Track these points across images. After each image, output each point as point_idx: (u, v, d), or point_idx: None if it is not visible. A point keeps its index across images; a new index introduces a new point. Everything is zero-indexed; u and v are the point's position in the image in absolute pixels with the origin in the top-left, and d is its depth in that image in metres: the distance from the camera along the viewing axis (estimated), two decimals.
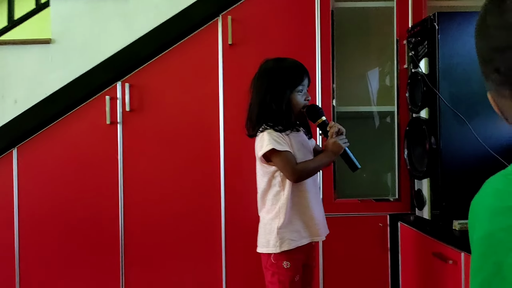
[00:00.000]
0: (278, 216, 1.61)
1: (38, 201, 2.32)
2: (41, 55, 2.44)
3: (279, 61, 1.66)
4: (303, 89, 1.64)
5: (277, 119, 1.60)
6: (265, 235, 1.65)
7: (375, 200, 2.40)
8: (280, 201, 1.61)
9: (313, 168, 1.65)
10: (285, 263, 1.61)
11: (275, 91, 1.59)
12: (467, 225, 1.84)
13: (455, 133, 1.89)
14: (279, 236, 1.60)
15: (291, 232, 1.61)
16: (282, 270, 1.61)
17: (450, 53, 1.90)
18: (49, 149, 2.33)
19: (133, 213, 2.32)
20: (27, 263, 2.31)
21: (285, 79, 1.61)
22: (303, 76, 1.64)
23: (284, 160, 1.57)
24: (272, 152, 1.57)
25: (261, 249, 1.67)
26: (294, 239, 1.62)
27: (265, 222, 1.66)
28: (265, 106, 1.60)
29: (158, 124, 2.33)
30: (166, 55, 2.34)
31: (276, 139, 1.57)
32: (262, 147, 1.58)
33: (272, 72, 1.63)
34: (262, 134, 1.60)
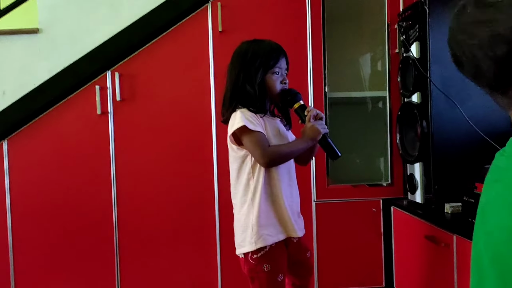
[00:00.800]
0: (251, 208, 1.47)
1: (30, 193, 2.30)
2: (29, 45, 2.40)
3: (254, 43, 1.54)
4: (279, 71, 1.51)
5: (250, 101, 1.47)
6: (241, 233, 1.51)
7: (368, 185, 2.41)
8: (251, 190, 1.47)
9: (286, 152, 1.48)
10: (265, 266, 1.45)
11: (248, 72, 1.48)
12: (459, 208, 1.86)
13: (446, 117, 1.90)
14: (255, 231, 1.45)
15: (266, 226, 1.46)
16: (263, 274, 1.46)
17: (441, 36, 1.89)
18: (40, 140, 2.30)
19: (126, 204, 2.31)
20: (20, 255, 2.30)
21: (258, 59, 1.48)
22: (278, 58, 1.51)
23: (254, 140, 1.42)
24: (243, 131, 1.42)
25: (237, 250, 1.54)
26: (270, 235, 1.46)
27: (238, 218, 1.53)
28: (237, 87, 1.49)
29: (150, 113, 2.31)
30: (156, 43, 2.31)
31: (249, 118, 1.43)
32: (233, 125, 1.44)
33: (245, 53, 1.51)
34: (234, 113, 1.47)
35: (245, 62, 1.49)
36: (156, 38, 2.30)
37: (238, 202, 1.53)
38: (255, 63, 1.48)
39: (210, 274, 2.33)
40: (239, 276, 2.30)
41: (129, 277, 2.32)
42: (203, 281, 2.33)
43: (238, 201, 1.53)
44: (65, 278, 2.31)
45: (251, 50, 1.50)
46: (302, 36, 2.29)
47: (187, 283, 2.33)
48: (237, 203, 1.54)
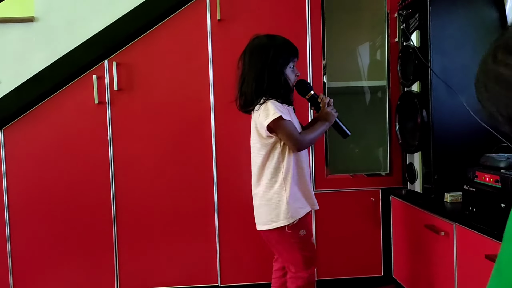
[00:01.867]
0: (284, 188, 1.64)
1: (27, 183, 2.29)
2: (25, 34, 2.37)
3: (272, 38, 1.68)
4: (294, 65, 1.69)
5: (276, 93, 1.63)
6: (272, 210, 1.66)
7: (367, 175, 2.41)
8: (281, 172, 1.64)
9: (313, 137, 1.69)
10: (301, 232, 1.67)
11: (272, 66, 1.62)
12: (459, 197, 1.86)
13: (447, 106, 1.89)
14: (289, 207, 1.63)
15: (297, 201, 1.66)
16: (300, 239, 1.67)
17: (441, 25, 1.88)
18: (37, 130, 2.28)
19: (125, 194, 2.30)
20: (18, 246, 2.29)
21: (281, 55, 1.64)
22: (295, 53, 1.69)
23: (289, 129, 1.60)
24: (278, 121, 1.58)
25: (269, 225, 1.67)
26: (301, 207, 1.67)
27: (269, 198, 1.66)
28: (262, 81, 1.62)
29: (148, 103, 2.29)
30: (154, 32, 2.28)
31: (280, 108, 1.59)
32: (268, 115, 1.58)
33: (268, 48, 1.64)
34: (265, 105, 1.61)
35: (269, 58, 1.62)
36: (154, 27, 2.27)
37: (265, 184, 1.67)
38: (279, 59, 1.63)
39: (209, 263, 2.33)
40: (238, 265, 2.32)
41: (127, 267, 2.32)
42: (202, 270, 2.33)
43: (266, 182, 1.66)
44: (63, 269, 2.30)
45: (273, 46, 1.64)
46: (301, 25, 2.27)
47: (186, 272, 2.33)
48: (263, 185, 1.67)
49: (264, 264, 2.13)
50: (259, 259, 2.25)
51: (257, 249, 2.22)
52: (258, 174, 1.70)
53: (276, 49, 1.64)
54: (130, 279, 2.32)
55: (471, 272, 1.57)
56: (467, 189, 1.67)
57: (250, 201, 1.77)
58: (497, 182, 1.50)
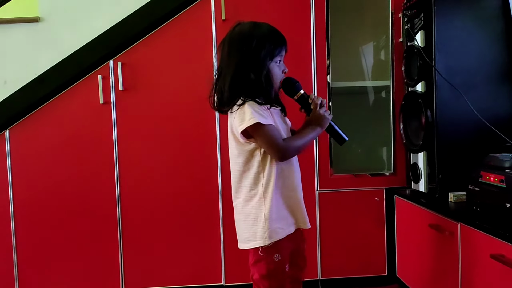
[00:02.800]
0: (262, 202, 1.40)
1: (32, 182, 2.30)
2: (30, 34, 2.39)
3: (256, 26, 1.42)
4: (281, 59, 1.44)
5: (256, 91, 1.38)
6: (250, 227, 1.43)
7: (371, 175, 2.41)
8: (261, 184, 1.40)
9: (301, 145, 1.43)
10: (276, 256, 1.41)
11: (254, 59, 1.37)
12: (463, 196, 1.86)
13: (451, 106, 1.89)
14: (267, 225, 1.39)
15: (278, 219, 1.41)
16: (272, 264, 1.41)
17: (446, 25, 1.88)
18: (42, 130, 2.29)
19: (129, 193, 2.31)
20: (23, 243, 2.30)
21: (264, 46, 1.38)
22: (282, 46, 1.43)
23: (269, 135, 1.36)
24: (256, 127, 1.34)
25: (246, 244, 1.46)
26: (282, 227, 1.42)
27: (247, 213, 1.44)
28: (241, 76, 1.37)
29: (152, 103, 2.30)
30: (158, 32, 2.29)
31: (259, 111, 1.35)
32: (244, 120, 1.34)
33: (250, 38, 1.38)
34: (241, 107, 1.37)
35: (250, 49, 1.37)
36: (159, 27, 2.28)
37: (244, 196, 1.44)
38: (261, 52, 1.37)
39: (213, 262, 2.34)
40: (243, 264, 2.32)
41: (132, 266, 2.33)
42: (207, 269, 2.34)
43: (245, 194, 1.44)
44: (68, 267, 2.32)
45: (256, 36, 1.39)
46: (305, 25, 2.28)
47: (191, 271, 2.34)
48: (242, 197, 1.45)
49: None
50: None
51: None
52: (236, 184, 1.46)
53: (259, 39, 1.38)
54: (135, 277, 2.33)
55: (476, 272, 1.58)
56: (472, 189, 1.67)
57: None
58: (502, 182, 1.51)
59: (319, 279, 2.35)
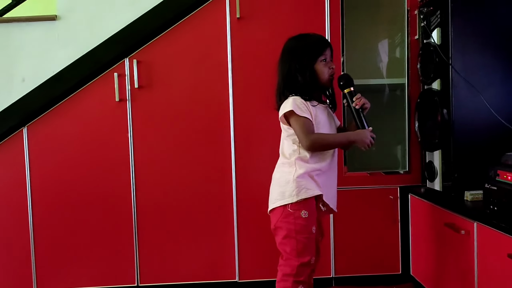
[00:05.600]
0: (293, 168, 1.62)
1: (50, 178, 2.34)
2: (47, 32, 2.42)
3: (300, 38, 1.69)
4: (325, 58, 1.66)
5: (301, 89, 1.63)
6: (279, 187, 1.64)
7: (385, 173, 2.40)
8: (295, 157, 1.63)
9: (328, 142, 1.64)
10: (303, 213, 1.59)
11: (298, 63, 1.63)
12: (480, 195, 1.84)
13: (467, 104, 1.88)
14: (296, 184, 1.59)
15: (307, 181, 1.61)
16: (300, 220, 1.59)
17: (463, 22, 1.87)
18: (59, 127, 2.33)
19: (145, 188, 2.34)
20: (40, 239, 2.35)
21: (306, 50, 1.64)
22: (324, 46, 1.66)
23: (300, 124, 1.59)
24: (291, 115, 1.60)
25: (274, 204, 1.64)
26: (310, 188, 1.60)
27: (278, 177, 1.67)
28: (289, 78, 1.65)
29: (167, 100, 2.32)
30: (173, 30, 2.31)
31: (299, 104, 1.59)
32: (284, 108, 1.61)
33: (295, 48, 1.66)
34: (287, 99, 1.63)
35: (295, 55, 1.64)
36: (174, 25, 2.30)
37: (280, 164, 1.69)
38: (304, 55, 1.63)
39: (227, 258, 2.35)
40: (256, 261, 2.34)
41: (147, 261, 2.35)
42: (221, 266, 2.36)
43: (281, 162, 1.69)
44: (84, 262, 2.35)
45: (300, 44, 1.66)
46: (320, 23, 2.28)
47: (205, 267, 2.36)
48: (278, 164, 1.70)
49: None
50: (278, 255, 2.27)
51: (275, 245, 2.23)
52: (279, 160, 1.71)
53: (303, 47, 1.65)
54: (150, 273, 2.36)
55: (492, 272, 1.57)
56: (489, 188, 1.66)
57: (268, 197, 1.78)
58: None
59: (332, 277, 2.36)
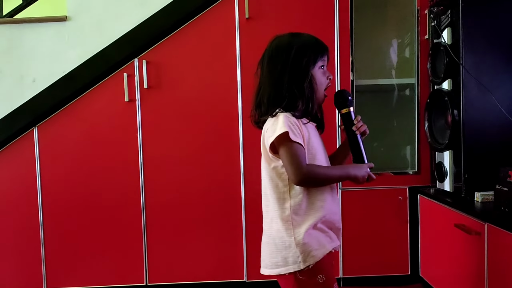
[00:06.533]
0: (290, 222, 1.29)
1: (60, 177, 2.36)
2: (58, 33, 2.44)
3: (294, 36, 1.35)
4: (324, 65, 1.33)
5: (295, 102, 1.28)
6: (279, 251, 1.30)
7: (394, 174, 2.39)
8: (288, 204, 1.29)
9: (326, 177, 1.28)
10: (319, 277, 1.27)
11: (295, 68, 1.28)
12: (490, 196, 1.83)
13: (478, 105, 1.87)
14: (300, 249, 1.26)
15: (311, 240, 1.27)
16: (318, 287, 1.26)
17: (474, 22, 1.85)
18: (69, 127, 2.35)
19: (154, 188, 2.35)
20: (50, 238, 2.37)
21: (305, 53, 1.29)
22: (323, 50, 1.34)
23: (292, 153, 1.22)
24: (283, 138, 1.23)
25: (278, 269, 1.31)
26: (317, 248, 1.27)
27: (273, 236, 1.33)
28: (281, 87, 1.28)
29: (176, 101, 2.33)
30: (182, 31, 2.32)
31: (291, 126, 1.23)
32: (275, 130, 1.23)
33: (288, 47, 1.30)
34: (276, 117, 1.26)
35: (290, 59, 1.29)
36: (183, 26, 2.31)
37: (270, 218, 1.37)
38: (302, 59, 1.29)
39: (235, 258, 2.36)
40: None
41: (156, 260, 2.37)
42: (229, 266, 2.36)
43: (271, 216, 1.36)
44: (93, 261, 2.37)
45: (295, 44, 1.30)
46: (329, 23, 2.27)
47: (213, 267, 2.37)
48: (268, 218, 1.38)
49: None
50: None
51: None
52: (265, 202, 1.40)
53: (298, 47, 1.30)
54: (158, 272, 2.37)
55: (504, 273, 1.55)
56: (500, 189, 1.65)
57: None
58: None
59: (340, 277, 2.35)
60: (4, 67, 2.47)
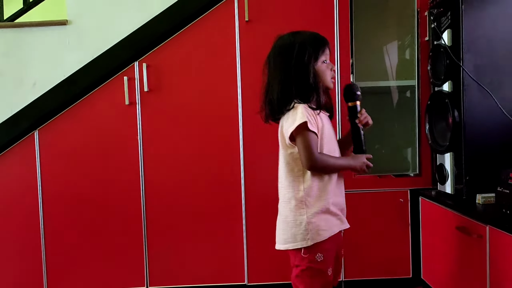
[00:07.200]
0: (303, 203, 1.43)
1: (61, 181, 2.36)
2: (58, 36, 2.45)
3: (295, 34, 1.48)
4: (326, 59, 1.47)
5: (306, 95, 1.42)
6: (289, 228, 1.45)
7: (395, 176, 2.39)
8: (302, 188, 1.43)
9: (331, 165, 1.44)
10: (318, 256, 1.42)
11: (299, 64, 1.41)
12: (492, 198, 1.82)
13: (479, 106, 1.86)
14: (309, 227, 1.41)
15: (320, 221, 1.42)
16: (314, 264, 1.42)
17: (474, 24, 1.85)
18: (69, 130, 2.35)
19: (154, 191, 2.35)
20: (51, 241, 2.36)
21: (306, 49, 1.42)
22: (324, 44, 1.47)
23: (308, 140, 1.38)
24: (300, 129, 1.38)
25: (286, 245, 1.46)
26: (325, 229, 1.42)
27: (286, 214, 1.46)
28: (290, 83, 1.42)
29: (177, 104, 2.33)
30: (182, 34, 2.32)
31: (309, 116, 1.38)
32: (295, 120, 1.38)
33: (291, 45, 1.44)
34: (295, 108, 1.40)
35: (293, 56, 1.42)
36: (183, 29, 2.31)
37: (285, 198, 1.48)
38: (304, 56, 1.41)
39: (236, 261, 2.35)
40: (265, 264, 2.33)
41: (157, 264, 2.36)
42: (230, 269, 2.36)
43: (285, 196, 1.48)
44: (94, 265, 2.37)
45: (297, 41, 1.43)
46: (329, 25, 2.27)
47: (214, 270, 2.36)
48: (283, 199, 1.49)
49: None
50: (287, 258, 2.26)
51: None
52: (281, 186, 1.50)
53: (300, 44, 1.43)
54: (159, 275, 2.36)
55: (506, 276, 1.54)
56: (501, 191, 1.64)
57: (277, 199, 1.76)
58: None
59: (342, 280, 2.34)
60: (5, 70, 2.48)
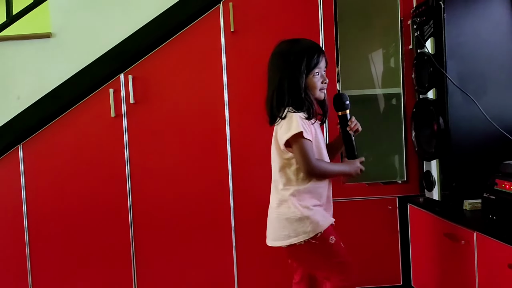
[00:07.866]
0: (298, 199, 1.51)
1: (46, 196, 2.32)
2: (42, 49, 2.43)
3: (293, 42, 1.53)
4: (319, 72, 1.51)
5: (299, 105, 1.49)
6: (290, 224, 1.51)
7: (383, 183, 2.39)
8: (298, 185, 1.51)
9: (329, 172, 1.56)
10: (331, 239, 1.54)
11: (291, 76, 1.48)
12: (478, 204, 1.83)
13: (463, 113, 1.88)
14: (309, 221, 1.50)
15: (317, 214, 1.52)
16: (330, 248, 1.54)
17: (456, 32, 1.87)
18: (54, 144, 2.32)
19: (141, 204, 2.32)
20: (37, 257, 2.32)
21: (301, 60, 1.47)
22: (319, 58, 1.51)
23: (305, 148, 1.46)
24: (297, 138, 1.45)
25: (288, 240, 1.52)
26: (323, 220, 1.53)
27: (284, 212, 1.53)
28: (283, 92, 1.49)
29: (163, 115, 2.32)
30: (168, 45, 2.31)
31: (304, 126, 1.46)
32: (290, 129, 1.45)
33: (286, 55, 1.49)
34: (290, 116, 1.47)
35: (289, 65, 1.48)
36: (168, 40, 2.30)
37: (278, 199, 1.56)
38: (299, 66, 1.47)
39: (226, 273, 2.33)
40: (256, 275, 2.31)
41: (145, 277, 2.33)
42: (220, 281, 2.33)
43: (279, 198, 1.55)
44: (81, 280, 2.32)
45: (293, 51, 1.49)
46: (314, 35, 2.28)
47: (203, 282, 2.33)
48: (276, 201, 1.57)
49: (283, 275, 2.13)
50: (278, 270, 2.25)
51: (275, 259, 2.21)
52: (275, 189, 1.59)
53: (296, 54, 1.48)
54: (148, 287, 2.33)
55: (493, 282, 1.55)
56: (487, 197, 1.65)
57: (266, 209, 1.76)
58: None
59: None
60: None
